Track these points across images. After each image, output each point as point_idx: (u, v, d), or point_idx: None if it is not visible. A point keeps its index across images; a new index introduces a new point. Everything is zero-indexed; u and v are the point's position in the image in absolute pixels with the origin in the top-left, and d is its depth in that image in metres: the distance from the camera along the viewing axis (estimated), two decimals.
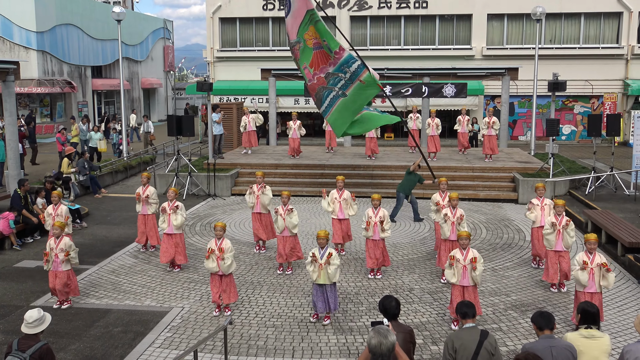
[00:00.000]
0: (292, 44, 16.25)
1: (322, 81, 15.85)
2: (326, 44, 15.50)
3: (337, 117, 15.98)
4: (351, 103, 15.65)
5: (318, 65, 15.79)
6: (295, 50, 16.19)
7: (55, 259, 9.91)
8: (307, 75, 16.14)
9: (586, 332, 6.07)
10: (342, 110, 15.81)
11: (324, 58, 15.74)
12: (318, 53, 15.80)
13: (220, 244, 9.46)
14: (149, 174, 13.43)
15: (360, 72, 15.30)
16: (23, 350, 6.03)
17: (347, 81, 15.53)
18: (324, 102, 16.07)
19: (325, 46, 15.55)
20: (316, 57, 15.83)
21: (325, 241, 9.17)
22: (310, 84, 16.21)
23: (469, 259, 8.86)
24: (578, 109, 32.73)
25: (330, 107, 15.96)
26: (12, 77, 16.99)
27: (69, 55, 36.64)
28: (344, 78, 15.51)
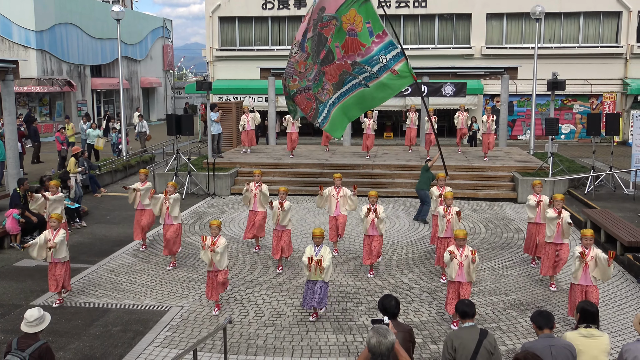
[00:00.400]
0: (329, 17, 15.38)
1: (348, 66, 15.55)
2: (369, 27, 15.07)
3: (348, 107, 15.88)
4: (369, 95, 15.52)
5: (348, 51, 15.44)
6: (330, 24, 15.37)
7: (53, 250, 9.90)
8: (337, 54, 15.58)
9: (585, 332, 6.08)
10: (355, 101, 15.68)
11: (355, 47, 15.37)
12: (350, 40, 15.37)
13: (216, 242, 9.48)
14: (147, 170, 13.43)
15: (397, 61, 15.09)
16: (22, 349, 6.04)
17: (372, 74, 15.33)
18: (343, 87, 15.77)
19: (366, 31, 15.09)
20: (347, 43, 15.42)
21: (321, 239, 9.20)
22: (337, 64, 15.67)
23: (464, 254, 8.89)
24: (577, 108, 32.75)
25: (345, 94, 15.73)
26: (12, 76, 16.98)
27: (68, 55, 36.62)
28: (370, 71, 15.30)
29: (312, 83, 15.80)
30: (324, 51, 15.45)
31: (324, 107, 16.07)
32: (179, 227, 12.01)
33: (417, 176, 18.79)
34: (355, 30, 15.23)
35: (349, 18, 15.18)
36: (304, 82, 15.75)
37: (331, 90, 15.97)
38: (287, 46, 33.54)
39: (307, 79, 15.71)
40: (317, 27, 15.23)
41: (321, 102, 16.00)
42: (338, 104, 16.15)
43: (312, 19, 15.25)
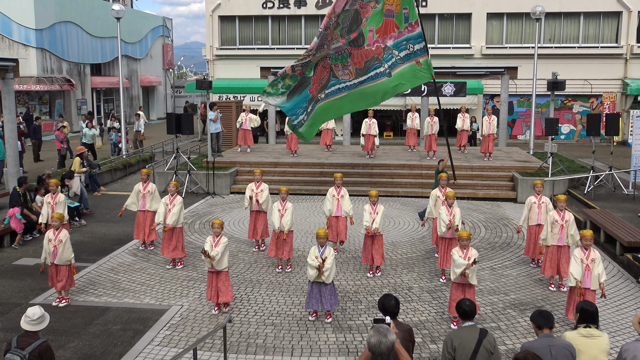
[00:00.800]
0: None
1: (380, 51, 15.30)
2: (406, 13, 14.91)
3: (356, 97, 15.69)
4: (387, 85, 15.35)
5: (382, 33, 15.20)
6: (369, 7, 15.09)
7: (54, 250, 9.90)
8: (368, 39, 15.31)
9: (585, 331, 6.08)
10: (372, 91, 15.49)
11: (391, 28, 15.15)
12: (387, 21, 15.15)
13: (217, 241, 9.48)
14: (149, 170, 13.44)
15: (422, 54, 14.96)
16: (22, 347, 6.04)
17: (398, 60, 15.11)
18: (366, 74, 15.51)
19: (402, 15, 14.90)
20: (384, 25, 15.19)
21: (325, 240, 9.20)
22: (365, 49, 15.38)
23: (468, 256, 8.90)
24: (577, 108, 32.76)
25: (364, 83, 15.49)
26: (11, 74, 16.98)
27: (68, 53, 36.61)
28: (397, 56, 15.09)
29: (332, 53, 15.47)
30: (356, 32, 15.18)
31: (335, 85, 15.67)
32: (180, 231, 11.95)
33: (417, 175, 18.90)
34: (393, 11, 15.03)
35: (390, 1, 15.01)
36: (328, 52, 15.49)
37: (352, 73, 15.61)
38: (288, 45, 33.63)
39: (330, 47, 15.41)
40: (357, 4, 14.94)
41: (334, 77, 15.66)
42: (344, 93, 15.77)
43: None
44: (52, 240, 9.93)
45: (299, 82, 15.50)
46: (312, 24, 33.65)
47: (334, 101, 15.96)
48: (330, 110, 16.22)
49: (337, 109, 16.31)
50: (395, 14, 15.06)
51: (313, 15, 33.31)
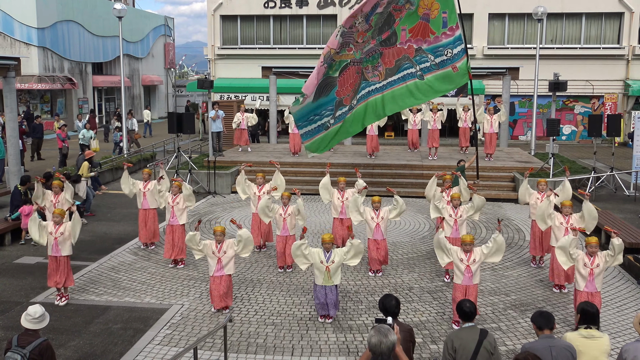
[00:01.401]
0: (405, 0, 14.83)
1: (412, 51, 15.00)
2: (445, 17, 14.64)
3: (386, 101, 15.22)
4: (420, 88, 15.01)
5: (416, 34, 14.90)
6: (404, 9, 14.79)
7: (54, 242, 9.91)
8: (401, 37, 14.97)
9: (586, 332, 6.08)
10: (402, 94, 15.10)
11: (425, 32, 14.88)
12: (422, 24, 14.85)
13: (220, 248, 9.47)
14: (150, 170, 13.45)
15: (459, 58, 14.74)
16: (23, 346, 6.05)
17: (433, 65, 14.89)
18: (396, 74, 15.11)
19: (440, 19, 14.65)
20: (418, 27, 14.89)
21: (330, 245, 9.17)
22: (398, 47, 15.06)
23: (472, 259, 8.91)
24: (578, 109, 32.74)
25: (394, 84, 15.11)
26: (13, 73, 16.99)
27: (70, 52, 36.64)
28: (432, 61, 14.87)
29: (364, 57, 15.13)
30: (388, 32, 14.90)
31: (365, 88, 15.25)
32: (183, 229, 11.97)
33: (418, 176, 18.88)
34: (429, 15, 14.75)
35: (426, 3, 14.69)
36: (359, 54, 15.05)
37: (382, 74, 15.26)
38: (289, 45, 33.62)
39: (362, 50, 15.05)
40: (390, 7, 14.67)
41: (365, 79, 15.30)
42: (375, 95, 15.33)
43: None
44: (52, 233, 9.91)
45: (323, 82, 14.99)
46: (313, 23, 33.65)
47: (363, 107, 15.47)
48: (357, 120, 15.55)
49: (366, 116, 15.65)
50: (432, 18, 14.75)
51: (315, 15, 33.30)
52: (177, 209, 11.84)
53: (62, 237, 9.94)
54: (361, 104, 15.29)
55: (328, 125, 15.11)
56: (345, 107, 15.17)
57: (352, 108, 15.23)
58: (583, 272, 8.75)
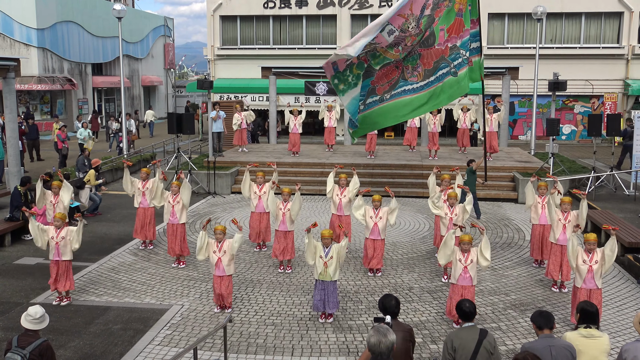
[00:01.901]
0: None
1: (447, 51, 14.97)
2: (470, 9, 14.63)
3: (430, 97, 15.20)
4: (455, 85, 14.99)
5: (452, 32, 14.83)
6: (442, 6, 14.71)
7: (56, 247, 9.92)
8: (439, 38, 14.92)
9: (585, 332, 6.08)
10: (441, 90, 15.07)
11: (459, 28, 14.80)
12: (458, 20, 14.79)
13: (221, 247, 9.49)
14: (149, 170, 13.44)
15: (475, 53, 14.75)
16: (23, 347, 6.05)
17: (465, 60, 14.90)
18: (433, 75, 15.09)
19: (468, 13, 14.63)
20: (455, 24, 14.81)
21: (330, 240, 9.21)
22: (435, 49, 15.01)
23: (470, 259, 8.91)
24: (578, 108, 32.73)
25: (431, 85, 15.08)
26: (13, 74, 17.00)
27: (70, 53, 36.64)
28: (463, 56, 14.85)
29: (405, 54, 15.15)
30: (427, 32, 14.91)
31: (402, 86, 15.22)
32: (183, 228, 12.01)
33: (418, 176, 18.89)
34: (462, 11, 14.72)
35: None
36: (403, 55, 15.11)
37: (421, 75, 15.22)
38: (289, 45, 33.61)
39: (407, 52, 15.12)
40: (436, 8, 14.64)
41: (404, 78, 15.27)
42: (411, 95, 15.27)
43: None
44: (54, 238, 9.94)
45: (366, 70, 15.10)
46: (313, 23, 33.65)
47: (396, 103, 15.38)
48: (390, 114, 15.53)
49: (398, 113, 15.61)
50: (464, 12, 14.72)
51: (314, 15, 33.30)
52: (178, 208, 11.88)
53: (64, 242, 9.95)
54: (394, 100, 15.27)
55: (358, 111, 15.28)
56: (376, 96, 15.24)
57: (382, 100, 15.25)
58: (582, 268, 8.76)
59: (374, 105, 15.26)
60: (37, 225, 10.00)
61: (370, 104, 15.20)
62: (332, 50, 32.75)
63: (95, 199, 16.36)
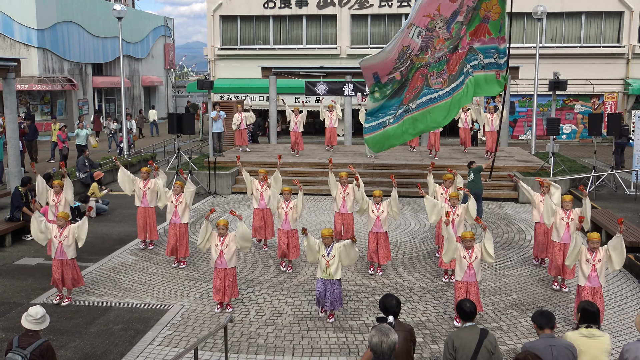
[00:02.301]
0: (473, 7, 14.94)
1: (465, 53, 15.27)
2: (502, 24, 14.92)
3: (453, 103, 15.44)
4: (468, 88, 15.29)
5: (474, 36, 15.13)
6: (472, 14, 14.97)
7: (59, 246, 9.92)
8: (462, 43, 15.22)
9: (586, 332, 6.08)
10: (462, 93, 15.34)
11: (482, 33, 15.06)
12: (481, 26, 15.06)
13: (223, 241, 9.51)
14: (149, 169, 13.44)
15: (502, 68, 15.03)
16: (24, 347, 6.04)
17: (480, 64, 15.12)
18: (457, 80, 15.33)
19: (498, 24, 14.91)
20: (478, 29, 15.09)
21: (331, 240, 9.21)
22: (460, 52, 15.30)
23: (474, 256, 8.92)
24: (579, 108, 32.72)
25: (455, 90, 15.33)
26: (13, 74, 17.00)
27: (70, 53, 36.64)
28: (480, 60, 15.08)
29: (432, 62, 15.31)
30: (458, 40, 15.23)
31: (427, 94, 15.43)
32: (186, 228, 12.00)
33: (419, 175, 18.88)
34: (489, 18, 14.90)
35: (488, 6, 14.85)
36: (431, 59, 15.26)
37: (446, 81, 15.42)
38: (289, 45, 33.63)
39: (435, 57, 15.26)
40: (468, 15, 14.87)
41: (428, 85, 15.43)
42: (437, 103, 15.46)
43: (467, 4, 14.69)
44: (57, 237, 9.93)
45: (401, 84, 15.43)
46: (313, 23, 33.65)
47: (424, 114, 15.58)
48: (419, 124, 15.76)
49: (426, 123, 15.80)
50: (492, 20, 14.91)
51: (315, 15, 33.30)
52: (180, 208, 11.87)
53: (67, 241, 9.95)
54: (422, 110, 15.46)
55: (386, 124, 15.47)
56: (403, 106, 15.36)
57: (409, 111, 15.43)
58: (585, 267, 8.77)
59: (402, 117, 15.53)
60: (41, 220, 9.96)
61: (399, 116, 15.50)
62: (332, 50, 32.91)
63: (103, 207, 16.35)
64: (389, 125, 15.54)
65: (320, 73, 24.71)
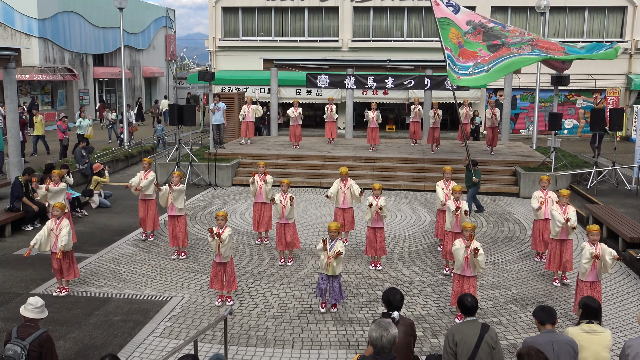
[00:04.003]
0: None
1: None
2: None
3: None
4: None
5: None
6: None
7: (55, 239, 9.88)
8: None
9: (587, 327, 6.06)
10: None
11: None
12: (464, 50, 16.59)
13: (222, 233, 9.48)
14: (150, 160, 13.40)
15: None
16: (23, 337, 6.03)
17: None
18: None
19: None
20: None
21: (337, 233, 9.19)
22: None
23: (471, 249, 8.86)
24: (581, 103, 32.65)
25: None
26: (14, 64, 16.94)
27: (71, 43, 36.51)
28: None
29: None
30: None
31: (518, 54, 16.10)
32: (184, 219, 11.97)
33: (419, 169, 18.87)
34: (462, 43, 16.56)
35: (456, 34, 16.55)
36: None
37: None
38: (291, 37, 33.54)
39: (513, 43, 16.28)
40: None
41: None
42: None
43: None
44: (54, 230, 9.90)
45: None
46: (315, 15, 33.53)
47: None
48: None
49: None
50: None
51: (316, 7, 33.18)
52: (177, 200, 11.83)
53: (62, 234, 9.91)
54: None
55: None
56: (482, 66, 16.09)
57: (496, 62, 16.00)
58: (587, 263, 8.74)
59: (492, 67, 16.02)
60: (47, 232, 9.93)
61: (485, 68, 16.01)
62: (334, 43, 32.79)
63: (106, 203, 16.31)
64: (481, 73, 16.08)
65: (321, 65, 24.64)
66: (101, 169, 16.84)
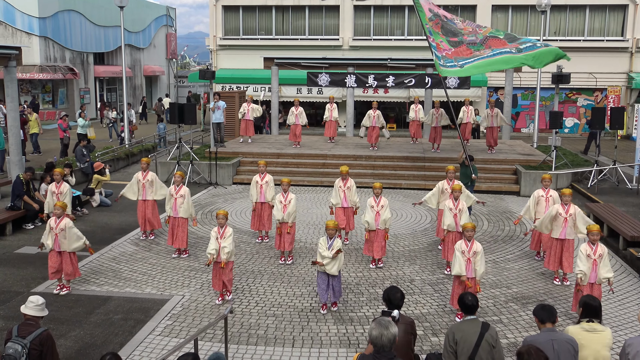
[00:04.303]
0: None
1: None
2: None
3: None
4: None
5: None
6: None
7: (55, 238, 9.90)
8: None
9: (588, 326, 6.06)
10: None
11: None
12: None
13: (222, 232, 9.48)
14: (149, 159, 13.39)
15: None
16: (23, 336, 6.04)
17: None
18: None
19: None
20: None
21: (335, 231, 9.19)
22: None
23: (472, 251, 8.86)
24: (581, 101, 32.62)
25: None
26: (14, 62, 16.94)
27: (71, 42, 36.52)
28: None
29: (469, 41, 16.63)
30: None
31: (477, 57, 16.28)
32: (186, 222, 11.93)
33: (420, 168, 18.86)
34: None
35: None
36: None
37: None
38: (291, 36, 33.50)
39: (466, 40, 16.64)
40: None
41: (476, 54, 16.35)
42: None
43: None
44: (53, 229, 9.91)
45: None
46: (315, 14, 33.50)
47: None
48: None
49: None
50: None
51: (317, 6, 33.15)
52: (180, 202, 11.77)
53: (62, 234, 9.91)
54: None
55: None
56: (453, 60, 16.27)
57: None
58: (587, 263, 8.71)
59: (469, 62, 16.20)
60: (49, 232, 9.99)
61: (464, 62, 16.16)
62: (334, 41, 32.76)
63: (107, 202, 16.32)
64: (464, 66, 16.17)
65: (322, 64, 24.61)
66: (102, 168, 16.83)
